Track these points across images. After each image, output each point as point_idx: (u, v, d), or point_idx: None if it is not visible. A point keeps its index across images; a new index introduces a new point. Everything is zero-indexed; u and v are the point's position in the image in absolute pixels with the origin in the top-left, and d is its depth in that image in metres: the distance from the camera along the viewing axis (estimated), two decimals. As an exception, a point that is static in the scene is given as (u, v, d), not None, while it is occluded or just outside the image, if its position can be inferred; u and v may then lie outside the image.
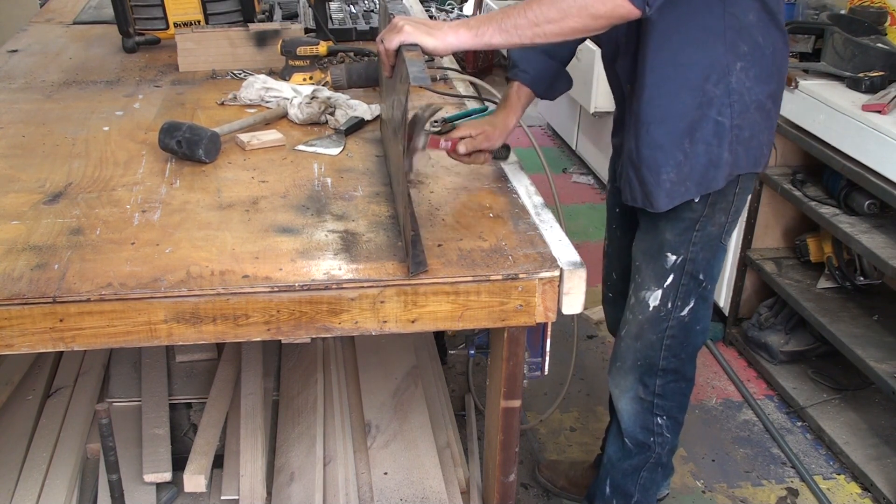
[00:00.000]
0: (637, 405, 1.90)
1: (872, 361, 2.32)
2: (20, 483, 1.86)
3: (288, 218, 1.52)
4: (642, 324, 1.81)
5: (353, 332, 1.36)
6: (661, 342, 1.82)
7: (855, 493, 2.38)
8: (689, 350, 1.86)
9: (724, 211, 1.71)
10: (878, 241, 2.32)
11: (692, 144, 1.62)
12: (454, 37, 1.45)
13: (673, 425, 1.93)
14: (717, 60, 1.57)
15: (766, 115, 1.66)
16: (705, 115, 1.60)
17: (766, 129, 1.68)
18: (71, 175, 1.69)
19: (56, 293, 1.27)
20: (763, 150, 1.70)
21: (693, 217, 1.70)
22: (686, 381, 1.90)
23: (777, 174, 2.70)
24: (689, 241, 1.72)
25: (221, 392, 2.14)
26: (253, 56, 2.39)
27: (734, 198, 1.71)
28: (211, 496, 1.88)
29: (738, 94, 1.59)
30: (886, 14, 2.64)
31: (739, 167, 1.66)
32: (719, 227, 1.73)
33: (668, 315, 1.79)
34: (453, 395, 2.44)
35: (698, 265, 1.75)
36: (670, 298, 1.77)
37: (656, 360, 1.84)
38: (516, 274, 1.35)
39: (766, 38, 1.59)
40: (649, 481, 1.99)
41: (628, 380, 1.88)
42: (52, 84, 2.27)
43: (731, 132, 1.62)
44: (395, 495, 1.82)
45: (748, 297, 2.95)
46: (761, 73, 1.61)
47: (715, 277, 1.80)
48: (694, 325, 1.82)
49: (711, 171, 1.64)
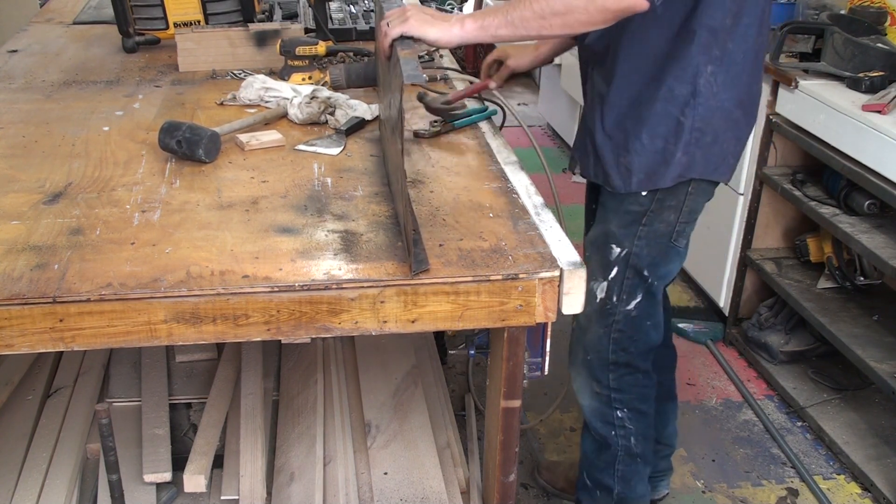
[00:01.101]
0: (595, 400, 1.91)
1: (872, 361, 2.32)
2: (20, 483, 1.86)
3: (288, 218, 1.52)
4: (590, 315, 1.82)
5: (353, 332, 1.36)
6: (608, 335, 1.82)
7: (855, 493, 2.38)
8: (640, 346, 1.85)
9: (673, 210, 1.70)
10: (878, 241, 2.32)
11: (651, 138, 1.63)
12: (459, 28, 1.46)
13: (635, 416, 1.92)
14: (689, 60, 1.58)
15: (734, 123, 1.66)
16: (668, 111, 1.61)
17: (731, 137, 1.67)
18: (71, 175, 1.69)
19: (56, 293, 1.27)
20: (727, 159, 1.68)
21: (639, 211, 1.71)
22: (641, 372, 1.89)
23: (777, 174, 2.70)
24: (635, 234, 1.73)
25: (221, 392, 2.14)
26: (253, 56, 2.39)
27: (686, 198, 1.69)
28: (211, 496, 1.88)
29: (703, 96, 1.59)
30: (886, 14, 2.64)
31: (694, 170, 1.66)
32: (668, 226, 1.72)
33: (613, 308, 1.79)
34: (453, 395, 2.44)
35: (642, 260, 1.74)
36: (615, 291, 1.77)
37: (605, 355, 1.84)
38: (516, 274, 1.35)
39: (737, 45, 1.59)
40: (628, 472, 1.98)
41: (582, 375, 1.90)
42: (52, 84, 2.27)
43: (691, 134, 1.62)
44: (395, 495, 1.82)
45: (748, 297, 2.95)
46: (730, 79, 1.61)
47: (663, 277, 1.79)
48: (643, 321, 1.81)
49: (662, 167, 1.65)
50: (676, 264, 1.81)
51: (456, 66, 2.45)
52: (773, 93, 2.64)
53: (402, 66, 1.32)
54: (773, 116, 2.64)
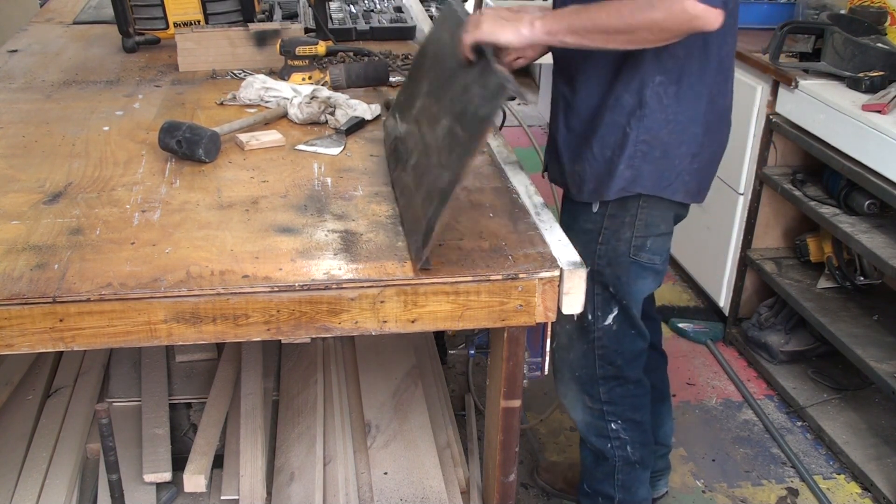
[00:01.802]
0: (588, 415, 1.89)
1: (872, 361, 2.32)
2: (20, 483, 1.86)
3: (288, 218, 1.52)
4: (570, 334, 1.80)
5: (353, 332, 1.36)
6: (593, 352, 1.80)
7: (855, 492, 2.38)
8: (627, 356, 1.82)
9: (627, 226, 1.67)
10: (878, 241, 2.32)
11: (600, 147, 1.60)
12: (529, 30, 1.44)
13: (630, 426, 1.90)
14: (637, 70, 1.54)
15: (689, 139, 1.59)
16: (615, 121, 1.58)
17: (685, 154, 1.61)
18: (71, 175, 1.69)
19: (56, 293, 1.27)
20: (681, 176, 1.62)
21: (593, 229, 1.69)
22: (632, 383, 1.86)
23: (777, 174, 2.70)
24: (594, 252, 1.70)
25: (221, 392, 2.14)
26: (253, 56, 2.39)
27: (638, 212, 1.65)
28: (211, 496, 1.88)
29: (650, 108, 1.55)
30: (886, 14, 2.64)
31: (640, 185, 1.62)
32: (625, 243, 1.69)
33: (591, 325, 1.77)
34: (453, 395, 2.44)
35: (607, 278, 1.72)
36: (589, 310, 1.74)
37: (593, 370, 1.82)
38: (516, 274, 1.35)
39: (692, 57, 1.53)
40: (629, 480, 1.97)
41: (572, 391, 1.87)
42: (52, 84, 2.27)
43: (636, 146, 1.58)
44: (395, 495, 1.82)
45: (748, 297, 2.95)
46: (685, 92, 1.55)
47: (633, 293, 1.75)
48: (626, 331, 1.79)
49: (607, 179, 1.62)
50: (647, 280, 1.76)
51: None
52: (773, 93, 2.64)
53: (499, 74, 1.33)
54: (773, 116, 2.64)
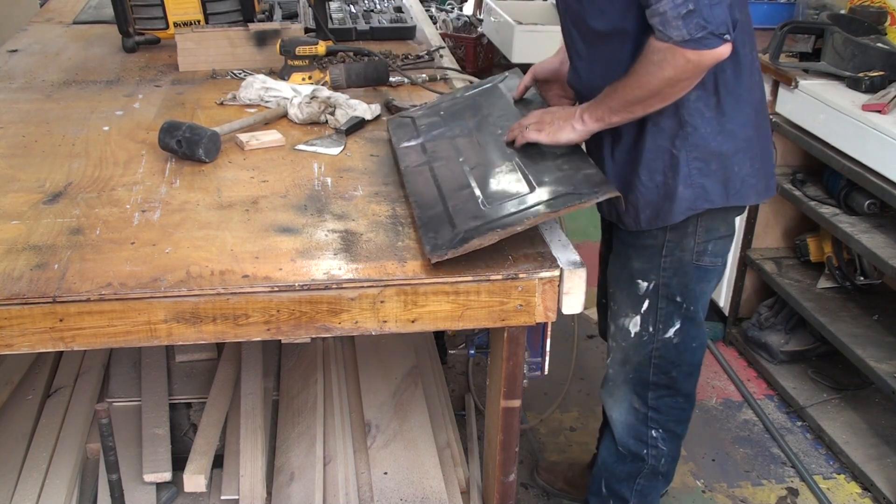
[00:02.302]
0: (631, 416, 1.86)
1: (872, 361, 2.32)
2: (20, 483, 1.86)
3: (288, 218, 1.52)
4: (626, 350, 1.78)
5: (353, 332, 1.36)
6: (649, 361, 1.78)
7: (855, 492, 2.38)
8: (685, 367, 1.81)
9: (690, 236, 1.65)
10: (878, 241, 2.32)
11: (650, 173, 1.58)
12: (582, 126, 1.55)
13: (670, 437, 1.88)
14: None
15: (745, 144, 1.58)
16: (659, 145, 1.56)
17: (746, 158, 1.59)
18: (71, 175, 1.69)
19: (56, 293, 1.27)
20: (748, 181, 1.61)
21: (656, 244, 1.66)
22: (682, 396, 1.84)
23: (777, 174, 2.70)
24: (659, 266, 1.68)
25: (221, 392, 2.14)
26: (253, 56, 2.39)
27: (699, 222, 1.63)
28: (211, 496, 1.88)
29: (692, 126, 1.53)
30: (886, 14, 2.64)
31: (709, 201, 1.59)
32: (688, 252, 1.66)
33: (651, 339, 1.74)
34: (453, 395, 2.44)
35: (673, 289, 1.69)
36: (650, 323, 1.72)
37: (647, 376, 1.80)
38: (516, 274, 1.35)
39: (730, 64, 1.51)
40: (647, 488, 1.95)
41: (622, 390, 1.85)
42: (52, 84, 2.27)
43: (690, 165, 1.56)
44: (395, 495, 1.82)
45: (748, 296, 2.95)
46: (727, 101, 1.54)
47: (699, 298, 1.73)
48: (688, 344, 1.77)
49: (667, 203, 1.59)
50: (710, 282, 1.74)
51: (456, 66, 2.45)
52: (773, 93, 2.63)
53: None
54: (773, 116, 2.64)
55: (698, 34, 1.34)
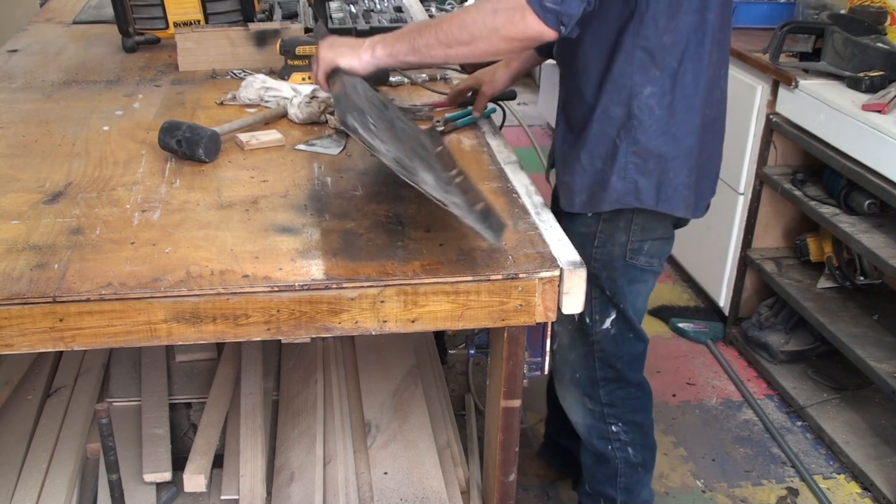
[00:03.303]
0: (589, 417, 1.87)
1: (872, 361, 2.32)
2: (20, 483, 1.86)
3: (288, 217, 1.52)
4: (572, 334, 1.80)
5: (353, 332, 1.36)
6: (592, 355, 1.79)
7: (855, 492, 2.38)
8: (625, 358, 1.81)
9: (622, 230, 1.64)
10: (878, 241, 2.32)
11: (590, 158, 1.59)
12: (370, 55, 1.48)
13: (632, 428, 1.88)
14: (625, 81, 1.51)
15: (685, 152, 1.57)
16: (604, 132, 1.56)
17: (682, 168, 1.58)
18: (71, 175, 1.69)
19: (56, 293, 1.27)
20: (679, 190, 1.59)
21: (587, 233, 1.66)
22: (633, 385, 1.85)
23: (777, 174, 2.70)
24: (590, 256, 1.68)
25: (221, 392, 2.14)
26: (253, 56, 2.39)
27: (633, 218, 1.63)
28: (211, 496, 1.88)
29: (640, 120, 1.52)
30: (886, 14, 2.64)
31: (636, 199, 1.59)
32: (620, 247, 1.66)
33: (591, 328, 1.76)
34: (453, 395, 2.44)
35: (603, 282, 1.70)
36: (587, 312, 1.73)
37: (593, 372, 1.81)
38: (516, 274, 1.35)
39: (687, 66, 1.50)
40: (631, 483, 1.96)
41: (573, 393, 1.87)
42: (52, 84, 2.27)
43: (627, 158, 1.55)
44: (395, 495, 1.82)
45: (748, 296, 2.95)
46: (679, 102, 1.52)
47: (630, 299, 1.73)
48: (625, 335, 1.77)
49: (600, 191, 1.60)
50: (644, 283, 1.74)
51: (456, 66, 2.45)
52: (773, 92, 2.64)
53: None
54: (773, 116, 2.64)
55: (549, 4, 1.33)
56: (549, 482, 2.36)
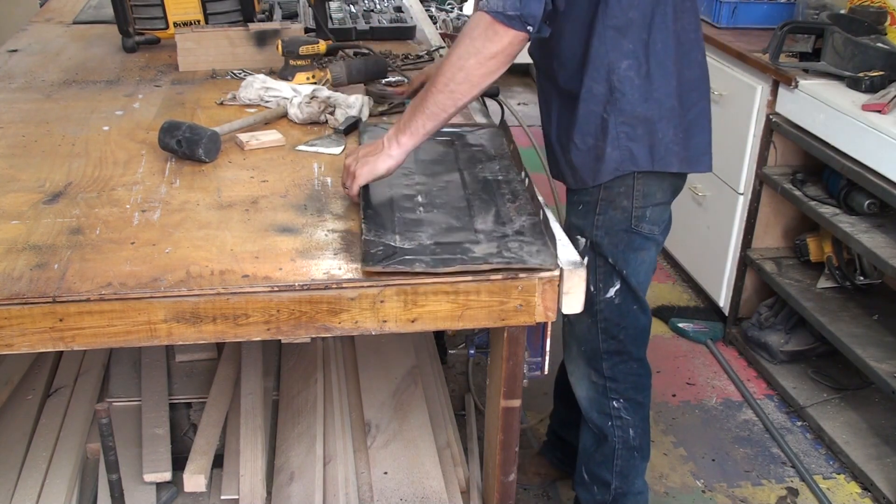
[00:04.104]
0: (592, 390, 1.92)
1: (872, 361, 2.32)
2: (20, 483, 1.86)
3: (288, 217, 1.52)
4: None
5: (352, 332, 1.36)
6: (595, 325, 1.84)
7: (855, 492, 2.38)
8: (630, 331, 1.86)
9: (624, 195, 1.72)
10: (878, 241, 2.32)
11: (581, 136, 1.68)
12: (398, 149, 1.54)
13: (632, 406, 1.93)
14: (601, 59, 1.61)
15: (668, 112, 1.67)
16: (591, 110, 1.65)
17: (669, 126, 1.68)
18: (71, 175, 1.69)
19: (56, 293, 1.27)
20: (671, 148, 1.69)
21: (590, 200, 1.74)
22: (635, 361, 1.90)
23: (777, 174, 2.70)
24: (592, 224, 1.76)
25: (221, 392, 2.14)
26: (253, 56, 2.39)
27: (634, 183, 1.71)
28: (211, 496, 1.88)
29: (621, 91, 1.62)
30: (886, 14, 2.64)
31: (633, 164, 1.68)
32: (623, 212, 1.73)
33: (594, 298, 1.81)
34: (453, 395, 2.44)
35: (605, 249, 1.77)
36: (591, 281, 1.79)
37: (596, 344, 1.86)
38: (516, 274, 1.35)
39: (656, 36, 1.61)
40: (626, 468, 1.98)
41: (579, 366, 1.91)
42: (52, 84, 2.27)
43: (617, 128, 1.65)
44: (395, 495, 1.82)
45: (748, 296, 2.95)
46: (654, 70, 1.63)
47: (634, 267, 1.80)
48: (629, 306, 1.83)
49: (597, 164, 1.69)
50: (648, 251, 1.80)
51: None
52: (773, 92, 2.64)
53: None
54: (773, 116, 2.64)
55: (511, 12, 1.44)
56: (550, 481, 2.36)
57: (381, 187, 1.61)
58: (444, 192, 1.61)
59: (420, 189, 1.62)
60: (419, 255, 1.36)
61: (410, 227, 1.46)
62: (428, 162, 1.75)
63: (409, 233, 1.44)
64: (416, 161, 1.74)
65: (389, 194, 1.59)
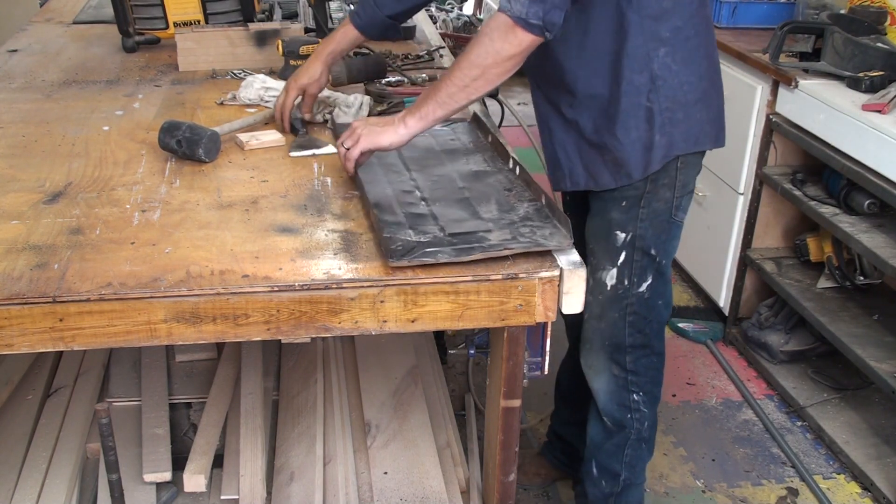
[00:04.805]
0: (612, 384, 1.91)
1: (872, 361, 2.32)
2: (20, 483, 1.86)
3: (288, 217, 1.52)
4: (603, 304, 1.83)
5: (352, 332, 1.36)
6: (623, 319, 1.84)
7: (855, 492, 2.38)
8: (654, 325, 1.87)
9: (667, 187, 1.74)
10: (878, 241, 2.32)
11: (625, 130, 1.67)
12: (404, 128, 1.59)
13: (649, 400, 1.94)
14: (638, 49, 1.62)
15: (702, 94, 1.70)
16: (635, 102, 1.65)
17: (703, 107, 1.71)
18: (71, 175, 1.69)
19: (56, 293, 1.27)
20: (704, 128, 1.73)
21: (636, 194, 1.74)
22: (656, 354, 1.91)
23: (777, 174, 2.70)
24: (637, 217, 1.75)
25: (221, 392, 2.14)
26: (253, 56, 2.39)
27: (677, 174, 1.73)
28: (211, 496, 1.88)
29: (662, 79, 1.64)
30: (886, 14, 2.64)
31: (677, 148, 1.70)
32: (666, 203, 1.75)
33: (626, 292, 1.81)
34: (453, 395, 2.44)
35: (648, 241, 1.77)
36: (626, 276, 1.79)
37: (622, 339, 1.86)
38: (516, 273, 1.35)
39: (687, 21, 1.64)
40: (635, 458, 1.99)
41: (600, 360, 1.90)
42: (52, 84, 2.27)
43: (662, 115, 1.66)
44: (394, 495, 1.82)
45: (748, 296, 2.95)
46: (688, 55, 1.66)
47: (670, 253, 1.83)
48: (655, 301, 1.84)
49: (647, 153, 1.69)
50: (678, 239, 1.85)
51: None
52: (773, 92, 2.64)
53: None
54: (773, 116, 2.64)
55: (533, 21, 1.48)
56: (550, 481, 2.36)
57: (379, 185, 1.61)
58: (440, 186, 1.64)
59: (415, 184, 1.64)
60: (439, 247, 1.38)
61: (419, 222, 1.48)
62: (413, 158, 1.77)
63: (420, 227, 1.45)
64: (402, 158, 1.76)
65: (388, 191, 1.59)
